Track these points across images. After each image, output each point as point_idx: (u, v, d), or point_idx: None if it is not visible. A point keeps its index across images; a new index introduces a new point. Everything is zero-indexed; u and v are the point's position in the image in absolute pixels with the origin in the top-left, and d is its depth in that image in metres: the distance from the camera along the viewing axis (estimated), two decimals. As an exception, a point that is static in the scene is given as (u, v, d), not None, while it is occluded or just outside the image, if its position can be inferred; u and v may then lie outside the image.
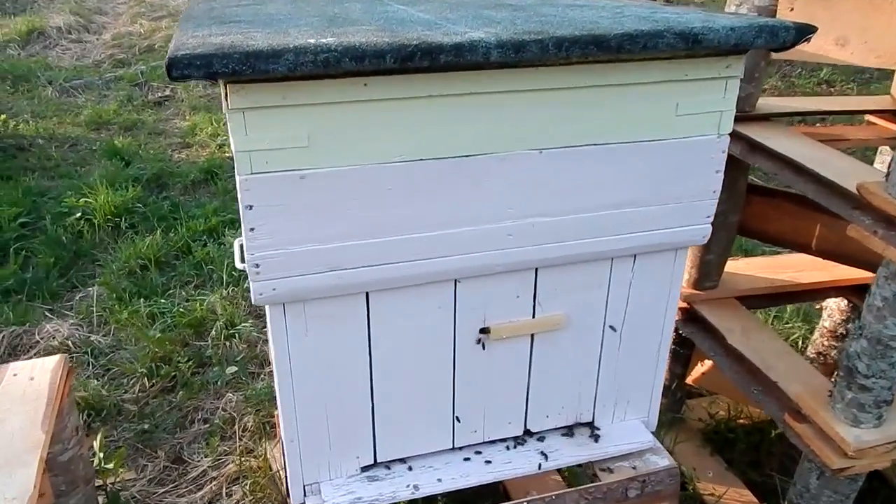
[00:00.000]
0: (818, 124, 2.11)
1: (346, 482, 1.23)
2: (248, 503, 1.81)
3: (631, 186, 1.11)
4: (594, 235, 1.13)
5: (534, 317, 1.20)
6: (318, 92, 0.92)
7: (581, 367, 1.29)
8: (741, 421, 2.14)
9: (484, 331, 1.19)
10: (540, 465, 1.29)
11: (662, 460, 1.36)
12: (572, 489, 1.31)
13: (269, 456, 1.91)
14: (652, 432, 1.40)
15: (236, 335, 2.43)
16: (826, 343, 2.25)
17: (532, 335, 1.22)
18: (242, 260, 1.28)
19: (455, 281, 1.13)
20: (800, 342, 2.47)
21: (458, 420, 1.26)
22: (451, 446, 1.29)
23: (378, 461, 1.26)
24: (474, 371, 1.22)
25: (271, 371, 2.28)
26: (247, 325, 2.47)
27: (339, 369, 1.14)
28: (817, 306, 2.31)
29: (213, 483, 1.88)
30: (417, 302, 1.13)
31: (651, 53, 0.99)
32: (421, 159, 1.00)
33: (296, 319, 1.08)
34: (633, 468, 1.35)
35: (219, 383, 2.24)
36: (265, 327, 2.46)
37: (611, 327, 1.26)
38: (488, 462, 1.29)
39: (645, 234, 1.16)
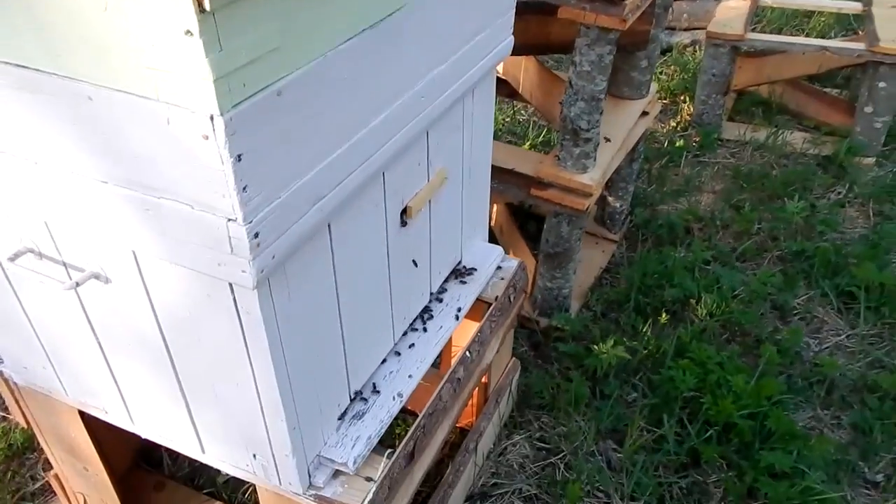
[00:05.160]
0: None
1: (341, 436, 1.08)
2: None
3: (486, 5, 1.11)
4: (465, 72, 1.12)
5: (428, 180, 1.17)
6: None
7: (455, 214, 1.32)
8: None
9: (404, 211, 1.12)
10: (458, 316, 1.33)
11: (512, 261, 1.53)
12: (481, 321, 1.40)
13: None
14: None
15: None
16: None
17: (430, 200, 1.19)
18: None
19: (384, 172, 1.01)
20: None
21: (395, 313, 1.19)
22: (392, 344, 1.23)
23: (351, 399, 1.13)
24: (400, 256, 1.15)
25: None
26: None
27: (316, 321, 0.96)
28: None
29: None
30: (361, 209, 0.99)
31: None
32: (364, 30, 0.83)
33: (280, 287, 0.85)
34: (503, 279, 1.49)
35: None
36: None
37: (466, 163, 1.31)
38: (428, 334, 1.27)
39: (488, 57, 1.19)
